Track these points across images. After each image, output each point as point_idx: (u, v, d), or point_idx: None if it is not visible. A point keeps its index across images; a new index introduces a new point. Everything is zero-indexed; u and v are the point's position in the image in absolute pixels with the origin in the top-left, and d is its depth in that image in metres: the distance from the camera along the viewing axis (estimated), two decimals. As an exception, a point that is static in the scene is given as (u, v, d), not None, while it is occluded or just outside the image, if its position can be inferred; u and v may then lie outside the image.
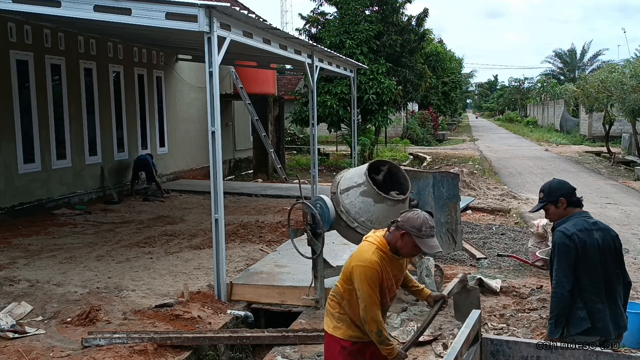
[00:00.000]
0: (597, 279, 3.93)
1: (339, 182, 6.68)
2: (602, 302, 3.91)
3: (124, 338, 5.55)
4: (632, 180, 18.93)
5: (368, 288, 3.69)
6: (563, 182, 4.21)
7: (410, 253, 3.78)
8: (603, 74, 22.92)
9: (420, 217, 3.65)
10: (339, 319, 3.94)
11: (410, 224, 3.63)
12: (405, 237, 3.66)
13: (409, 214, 3.71)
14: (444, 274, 7.69)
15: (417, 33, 22.68)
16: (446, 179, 7.23)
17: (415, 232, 3.61)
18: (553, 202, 4.08)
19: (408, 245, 3.68)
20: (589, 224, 3.99)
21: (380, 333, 3.73)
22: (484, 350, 3.40)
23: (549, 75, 67.34)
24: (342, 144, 27.52)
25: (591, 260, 3.91)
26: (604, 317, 3.90)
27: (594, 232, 3.96)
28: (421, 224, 3.62)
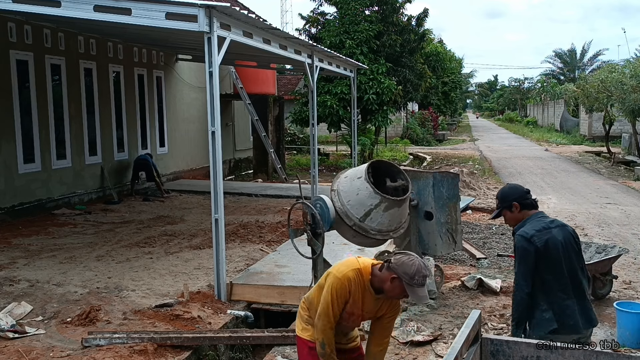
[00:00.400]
0: (562, 276, 3.96)
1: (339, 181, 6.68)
2: (569, 298, 3.93)
3: (124, 338, 5.54)
4: (632, 180, 18.93)
5: (330, 298, 3.61)
6: (514, 187, 4.37)
7: (395, 296, 3.62)
8: (603, 74, 22.91)
9: (414, 265, 3.47)
10: (307, 322, 3.92)
11: (403, 269, 3.47)
12: (395, 281, 3.50)
13: (404, 258, 3.52)
14: (444, 274, 7.70)
15: (417, 33, 22.68)
16: (446, 179, 7.22)
17: (407, 280, 3.46)
18: (507, 207, 4.21)
19: (396, 290, 3.53)
20: (547, 223, 4.05)
21: (324, 346, 3.64)
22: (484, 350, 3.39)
23: (549, 75, 67.35)
24: (342, 144, 27.52)
25: (554, 257, 3.94)
26: (574, 314, 3.91)
27: (553, 229, 4.01)
28: (414, 273, 3.45)
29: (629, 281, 7.86)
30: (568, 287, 3.95)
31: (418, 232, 7.37)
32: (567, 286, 3.95)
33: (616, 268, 7.66)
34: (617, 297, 7.08)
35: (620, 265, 8.19)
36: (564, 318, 3.89)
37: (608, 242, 9.06)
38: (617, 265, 7.87)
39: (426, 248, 7.38)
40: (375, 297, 3.65)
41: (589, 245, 7.57)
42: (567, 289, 3.95)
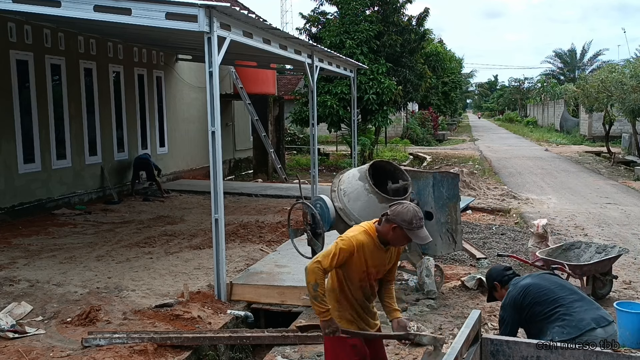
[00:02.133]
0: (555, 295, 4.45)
1: (339, 181, 6.68)
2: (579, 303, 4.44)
3: (124, 338, 5.55)
4: (632, 180, 18.93)
5: (333, 249, 3.79)
6: (495, 268, 4.94)
7: (401, 244, 3.91)
8: (603, 74, 22.90)
9: (410, 211, 3.75)
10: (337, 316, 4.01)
11: (400, 217, 3.74)
12: (397, 230, 3.77)
13: (398, 207, 3.80)
14: (444, 274, 7.70)
15: (417, 33, 22.66)
16: (446, 179, 7.23)
17: (406, 225, 3.73)
18: (492, 288, 4.85)
19: (399, 237, 3.80)
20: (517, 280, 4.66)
21: (316, 287, 3.74)
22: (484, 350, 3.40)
23: (549, 75, 67.33)
24: (342, 144, 27.52)
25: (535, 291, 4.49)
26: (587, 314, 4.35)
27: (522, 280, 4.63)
28: (412, 217, 3.73)
29: (629, 281, 7.86)
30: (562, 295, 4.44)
31: (418, 232, 7.36)
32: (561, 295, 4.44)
33: (616, 268, 7.65)
34: (617, 297, 7.08)
35: (620, 265, 8.19)
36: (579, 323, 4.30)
37: (608, 242, 9.06)
38: (617, 265, 7.87)
39: (426, 248, 7.37)
40: (384, 249, 3.91)
41: (589, 245, 7.56)
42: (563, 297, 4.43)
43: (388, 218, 3.79)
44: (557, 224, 11.73)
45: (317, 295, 3.75)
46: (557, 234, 10.73)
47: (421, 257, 7.29)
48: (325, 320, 3.81)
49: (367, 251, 3.84)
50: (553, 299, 4.41)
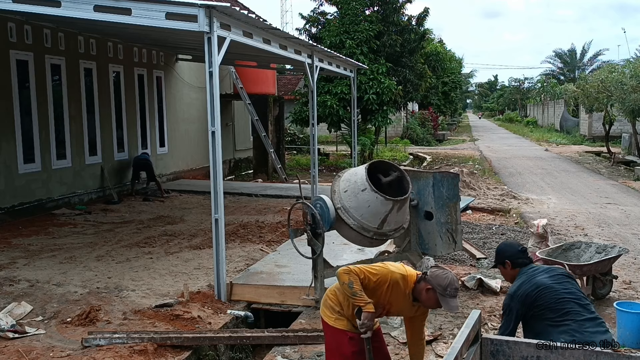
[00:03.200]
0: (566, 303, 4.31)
1: (339, 181, 6.68)
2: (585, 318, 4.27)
3: (124, 338, 5.55)
4: (632, 180, 18.92)
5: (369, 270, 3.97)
6: (510, 245, 4.74)
7: (430, 306, 4.01)
8: (603, 74, 22.90)
9: (448, 278, 3.85)
10: (340, 313, 4.15)
11: (437, 281, 3.85)
12: (430, 292, 3.87)
13: (439, 271, 3.91)
14: (444, 274, 7.68)
15: (417, 33, 22.67)
16: (446, 179, 7.22)
17: (441, 291, 3.83)
18: (501, 264, 4.65)
19: (430, 300, 3.90)
20: (531, 273, 4.46)
21: (351, 284, 3.88)
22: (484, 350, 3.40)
23: (549, 75, 67.31)
24: (342, 144, 27.52)
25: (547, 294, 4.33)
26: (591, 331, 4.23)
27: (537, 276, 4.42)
28: (447, 285, 3.83)
29: (629, 281, 7.86)
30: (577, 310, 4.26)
31: (418, 232, 7.37)
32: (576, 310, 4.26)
33: (616, 268, 7.65)
34: (617, 297, 7.08)
35: (620, 265, 8.19)
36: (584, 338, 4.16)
37: (608, 242, 9.06)
38: (617, 265, 7.87)
39: (426, 248, 7.38)
40: (412, 303, 4.04)
41: (589, 245, 7.56)
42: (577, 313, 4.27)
43: (426, 278, 3.92)
44: (557, 224, 11.73)
45: (354, 292, 3.88)
46: (557, 234, 10.73)
47: (421, 257, 7.30)
48: (369, 312, 3.89)
49: (394, 294, 3.98)
50: (567, 311, 4.29)
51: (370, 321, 3.90)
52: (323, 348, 5.66)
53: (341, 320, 4.13)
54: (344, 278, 3.90)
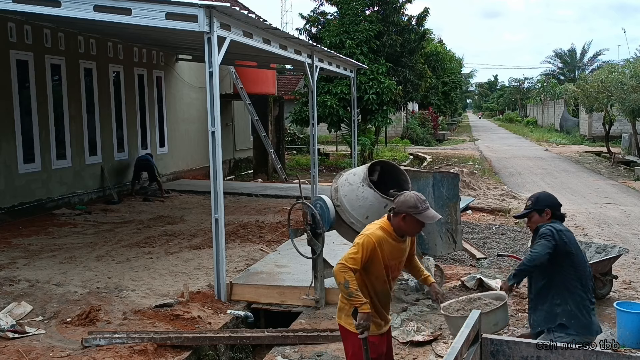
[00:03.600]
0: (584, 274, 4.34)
1: (339, 181, 6.68)
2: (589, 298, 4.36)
3: (124, 338, 5.55)
4: (632, 180, 18.93)
5: (356, 249, 3.87)
6: (552, 195, 4.56)
7: (416, 230, 4.03)
8: (603, 74, 22.91)
9: (412, 197, 3.92)
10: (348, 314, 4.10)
11: (406, 205, 3.89)
12: (408, 218, 3.90)
13: (400, 197, 3.95)
14: (444, 274, 7.70)
15: (417, 33, 22.68)
16: (446, 179, 7.23)
17: (414, 211, 3.87)
18: (539, 211, 4.41)
19: (412, 225, 3.93)
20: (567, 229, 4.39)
21: (347, 284, 3.81)
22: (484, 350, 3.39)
23: (549, 75, 67.32)
24: (342, 144, 27.52)
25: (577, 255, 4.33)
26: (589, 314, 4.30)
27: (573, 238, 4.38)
28: (415, 202, 3.89)
29: (629, 281, 7.86)
30: (588, 287, 4.26)
31: (418, 232, 7.36)
32: (588, 285, 4.26)
33: (616, 268, 7.65)
34: (617, 297, 7.08)
35: (620, 265, 8.19)
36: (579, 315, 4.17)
37: (608, 242, 9.06)
38: (617, 265, 7.87)
39: (426, 248, 7.38)
40: (402, 241, 4.04)
41: (589, 245, 7.56)
42: (587, 288, 4.28)
43: (395, 210, 3.92)
44: (557, 224, 11.72)
45: (350, 292, 3.82)
46: (557, 234, 10.72)
47: (421, 257, 7.29)
48: (365, 312, 3.86)
49: (385, 246, 3.95)
50: (584, 283, 4.36)
51: (367, 321, 3.86)
52: (323, 348, 5.66)
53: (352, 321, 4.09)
54: (339, 278, 3.82)
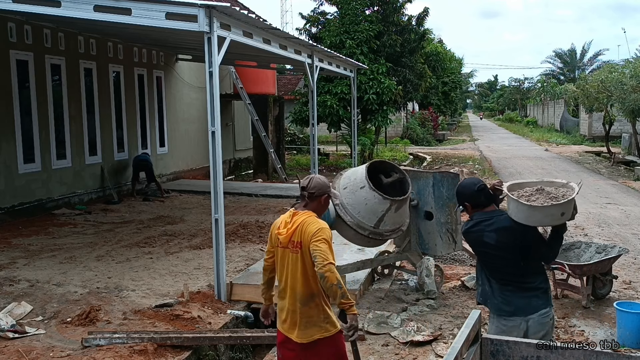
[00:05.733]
0: (485, 266, 4.29)
1: (339, 181, 6.69)
2: (489, 285, 4.27)
3: (124, 338, 5.55)
4: (632, 180, 18.93)
5: (328, 245, 3.82)
6: (467, 186, 4.35)
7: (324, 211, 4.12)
8: (603, 74, 22.90)
9: (321, 178, 4.06)
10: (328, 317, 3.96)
11: (325, 186, 4.01)
12: (326, 200, 4.05)
13: (312, 182, 3.98)
14: (444, 274, 7.70)
15: (417, 33, 22.69)
16: (446, 179, 7.22)
17: (329, 190, 4.04)
18: (462, 205, 4.38)
19: (327, 205, 4.09)
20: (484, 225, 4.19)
21: (340, 285, 3.73)
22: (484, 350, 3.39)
23: (549, 75, 67.33)
24: (342, 144, 27.52)
25: (478, 252, 4.32)
26: (491, 297, 4.24)
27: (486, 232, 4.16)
28: (327, 182, 4.05)
29: (629, 281, 7.86)
30: (485, 274, 4.26)
31: (418, 232, 7.37)
32: (485, 273, 4.26)
33: (616, 268, 7.66)
34: (617, 297, 7.08)
35: (620, 265, 8.19)
36: (483, 297, 4.30)
37: (608, 242, 9.06)
38: (617, 265, 7.88)
39: (426, 248, 7.38)
40: None
41: (589, 245, 7.56)
42: (484, 275, 4.27)
43: (315, 194, 3.96)
44: (557, 224, 11.72)
45: (344, 293, 3.75)
46: (557, 234, 10.72)
47: (421, 257, 7.30)
48: (355, 313, 3.80)
49: None
50: (489, 273, 4.34)
51: (357, 322, 3.80)
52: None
53: (331, 323, 3.95)
54: (333, 279, 3.69)
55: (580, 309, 6.82)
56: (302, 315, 3.91)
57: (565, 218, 3.97)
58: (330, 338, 3.94)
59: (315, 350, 3.94)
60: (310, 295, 3.90)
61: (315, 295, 3.91)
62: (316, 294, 3.91)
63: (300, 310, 3.90)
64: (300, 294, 3.90)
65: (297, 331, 3.93)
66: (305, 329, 3.91)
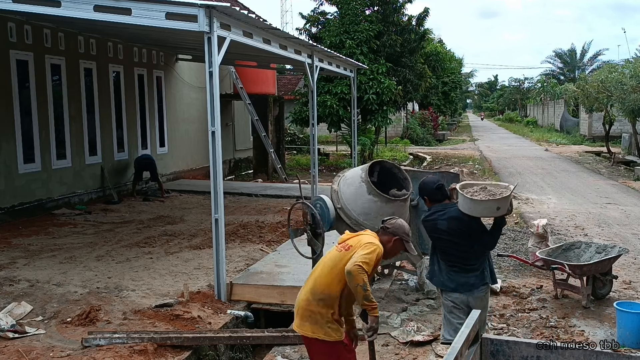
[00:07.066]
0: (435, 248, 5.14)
1: (339, 181, 6.69)
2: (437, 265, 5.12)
3: (124, 338, 5.55)
4: (632, 180, 18.93)
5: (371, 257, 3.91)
6: (428, 183, 5.19)
7: (394, 254, 4.35)
8: (603, 74, 22.90)
9: (405, 225, 4.22)
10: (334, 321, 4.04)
11: (402, 230, 4.17)
12: (397, 242, 4.15)
13: (397, 221, 4.20)
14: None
15: (417, 33, 22.68)
16: (446, 179, 7.22)
17: (406, 237, 4.18)
18: (422, 198, 5.30)
19: (397, 248, 4.20)
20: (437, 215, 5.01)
21: (365, 287, 3.86)
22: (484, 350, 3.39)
23: (549, 75, 67.32)
24: (342, 144, 27.52)
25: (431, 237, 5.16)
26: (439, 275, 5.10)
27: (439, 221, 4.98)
28: (408, 231, 4.21)
29: (629, 281, 7.86)
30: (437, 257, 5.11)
31: (418, 232, 7.36)
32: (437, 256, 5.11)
33: (616, 268, 7.66)
34: (617, 297, 7.08)
35: (620, 265, 8.19)
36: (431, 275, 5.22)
37: (608, 242, 9.06)
38: (617, 265, 7.88)
39: (426, 248, 7.35)
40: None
41: (589, 245, 7.56)
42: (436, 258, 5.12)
43: (389, 230, 4.14)
44: (557, 224, 11.73)
45: (368, 296, 3.89)
46: (557, 234, 10.73)
47: (421, 257, 7.29)
48: (377, 315, 3.95)
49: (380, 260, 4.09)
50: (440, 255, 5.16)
51: (377, 324, 3.95)
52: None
53: (333, 330, 4.01)
54: (359, 279, 3.81)
55: (580, 309, 6.82)
56: (307, 307, 4.05)
57: (501, 212, 4.78)
58: (326, 344, 4.02)
59: (312, 349, 4.12)
60: (325, 295, 4.01)
61: (329, 299, 4.00)
62: (331, 298, 4.00)
63: (309, 302, 4.04)
64: (319, 288, 4.04)
65: (297, 319, 4.12)
66: (303, 320, 4.07)
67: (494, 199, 4.72)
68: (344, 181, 6.64)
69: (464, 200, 4.81)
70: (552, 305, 6.96)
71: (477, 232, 4.90)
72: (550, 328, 6.26)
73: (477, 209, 4.77)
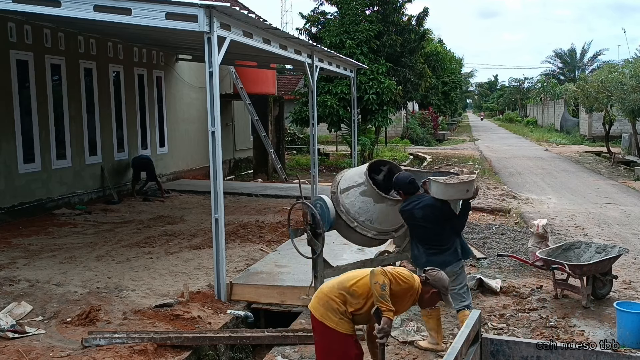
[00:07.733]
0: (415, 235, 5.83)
1: (339, 181, 6.68)
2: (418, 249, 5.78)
3: (124, 338, 5.55)
4: (632, 180, 18.92)
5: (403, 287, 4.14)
6: (402, 178, 5.80)
7: (431, 304, 4.51)
8: (603, 74, 22.89)
9: (445, 278, 4.36)
10: (343, 314, 4.18)
11: (441, 284, 4.29)
12: (435, 295, 4.28)
13: (438, 274, 4.32)
14: (444, 274, 7.69)
15: (417, 33, 22.68)
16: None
17: (444, 291, 4.31)
18: (397, 193, 5.92)
19: (434, 300, 4.35)
20: (413, 205, 5.68)
21: (384, 286, 4.00)
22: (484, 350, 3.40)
23: (549, 75, 67.31)
24: (342, 144, 27.52)
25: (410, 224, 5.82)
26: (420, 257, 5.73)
27: (415, 210, 5.65)
28: (448, 284, 4.36)
29: (629, 281, 7.86)
30: (415, 242, 5.79)
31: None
32: (415, 241, 5.79)
33: (616, 268, 7.65)
34: (617, 297, 7.08)
35: (620, 265, 8.19)
36: (414, 258, 5.90)
37: (608, 242, 9.06)
38: (617, 265, 7.87)
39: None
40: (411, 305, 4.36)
41: (589, 245, 7.56)
42: (414, 242, 5.80)
43: (429, 282, 4.28)
44: (557, 224, 11.73)
45: (384, 295, 4.00)
46: (557, 234, 10.73)
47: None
48: (390, 318, 4.01)
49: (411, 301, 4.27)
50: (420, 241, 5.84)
51: (389, 327, 4.00)
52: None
53: (344, 323, 4.17)
54: (379, 278, 4.01)
55: (580, 309, 6.82)
56: (329, 293, 4.22)
57: (470, 194, 5.57)
58: (334, 332, 4.16)
59: (318, 331, 4.27)
60: (349, 294, 4.18)
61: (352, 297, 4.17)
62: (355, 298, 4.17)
63: (332, 290, 4.23)
64: (347, 284, 4.22)
65: (314, 301, 4.31)
66: (319, 302, 4.25)
67: (464, 182, 5.56)
68: (344, 181, 6.63)
69: (437, 187, 5.58)
70: (552, 305, 6.96)
71: (448, 216, 5.66)
72: (550, 328, 6.26)
73: (449, 192, 5.54)
